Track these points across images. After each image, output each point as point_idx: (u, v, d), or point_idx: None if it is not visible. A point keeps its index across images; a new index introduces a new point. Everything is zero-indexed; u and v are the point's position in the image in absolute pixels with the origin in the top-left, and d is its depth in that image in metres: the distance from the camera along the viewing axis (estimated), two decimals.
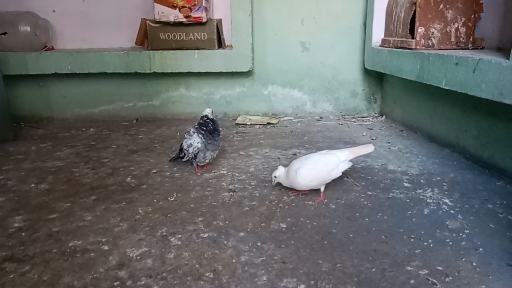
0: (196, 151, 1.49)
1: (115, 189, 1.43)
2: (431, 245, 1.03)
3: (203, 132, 1.51)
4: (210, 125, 1.54)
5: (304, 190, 1.33)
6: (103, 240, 1.08)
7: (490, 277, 0.91)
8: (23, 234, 1.12)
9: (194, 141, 1.50)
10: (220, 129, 1.61)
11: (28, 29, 2.37)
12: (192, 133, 1.52)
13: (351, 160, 1.35)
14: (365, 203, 1.28)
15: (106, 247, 1.05)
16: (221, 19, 2.39)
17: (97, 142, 2.01)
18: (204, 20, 2.23)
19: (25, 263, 0.98)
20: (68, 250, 1.03)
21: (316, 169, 1.28)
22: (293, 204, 1.27)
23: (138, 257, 1.00)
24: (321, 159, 1.31)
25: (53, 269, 0.96)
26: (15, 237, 1.11)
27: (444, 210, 1.22)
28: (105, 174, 1.57)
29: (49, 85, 2.51)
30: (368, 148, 1.38)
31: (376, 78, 2.46)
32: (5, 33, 2.16)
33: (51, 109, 2.55)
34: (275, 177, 1.34)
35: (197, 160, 1.53)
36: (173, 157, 1.70)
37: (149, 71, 2.32)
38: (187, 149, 1.51)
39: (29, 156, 1.80)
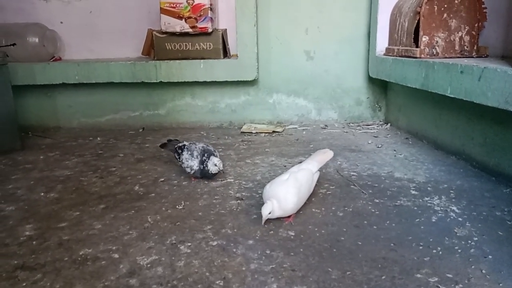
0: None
1: (123, 197, 1.44)
2: (440, 252, 1.04)
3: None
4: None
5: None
6: (113, 248, 1.09)
7: (500, 284, 0.91)
8: (33, 242, 1.13)
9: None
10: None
11: (36, 40, 2.41)
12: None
13: (319, 170, 1.36)
14: (373, 210, 1.29)
15: (116, 255, 1.05)
16: (226, 29, 2.42)
17: (104, 151, 2.03)
18: (210, 30, 2.26)
19: (37, 271, 0.99)
20: (79, 259, 1.04)
21: (301, 190, 1.23)
22: (301, 212, 1.27)
23: (148, 265, 1.01)
24: (300, 179, 1.24)
25: (64, 277, 0.96)
26: (26, 245, 1.12)
27: (452, 217, 1.22)
28: (113, 182, 1.58)
29: (56, 95, 2.54)
30: (329, 154, 1.41)
31: (380, 86, 2.47)
32: (13, 44, 2.19)
33: (57, 118, 2.58)
34: (269, 213, 1.16)
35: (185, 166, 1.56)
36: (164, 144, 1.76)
37: (155, 81, 2.34)
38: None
39: (37, 165, 1.82)
